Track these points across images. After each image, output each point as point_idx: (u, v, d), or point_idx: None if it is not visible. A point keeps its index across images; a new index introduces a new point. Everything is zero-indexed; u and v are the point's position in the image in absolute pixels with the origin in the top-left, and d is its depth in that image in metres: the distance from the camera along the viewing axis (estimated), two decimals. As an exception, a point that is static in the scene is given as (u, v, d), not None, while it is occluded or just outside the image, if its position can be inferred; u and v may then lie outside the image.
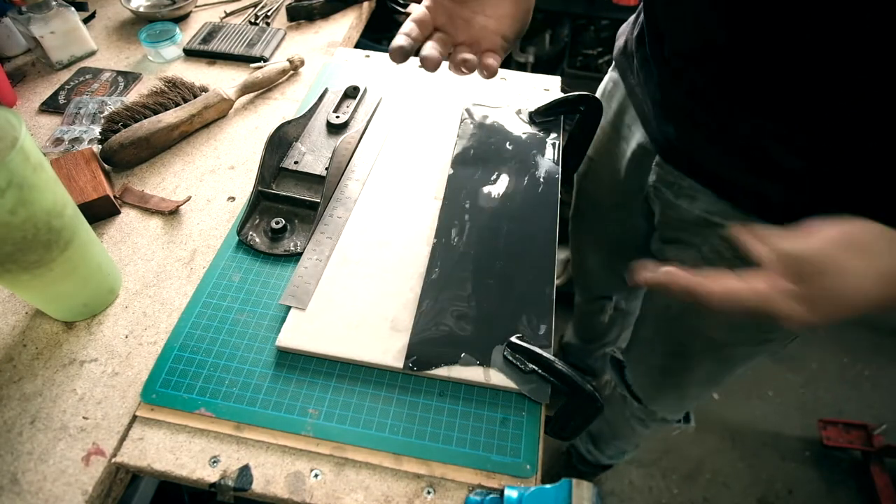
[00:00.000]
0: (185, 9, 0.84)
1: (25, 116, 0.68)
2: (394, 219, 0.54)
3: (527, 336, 0.45)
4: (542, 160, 0.59)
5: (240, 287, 0.50)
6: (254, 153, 0.63)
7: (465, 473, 0.40)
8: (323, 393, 0.43)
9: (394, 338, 0.45)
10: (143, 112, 0.62)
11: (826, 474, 1.23)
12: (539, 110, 0.64)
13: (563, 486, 0.34)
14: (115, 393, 0.44)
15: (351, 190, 0.57)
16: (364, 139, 0.62)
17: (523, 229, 0.53)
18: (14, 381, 0.44)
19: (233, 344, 0.46)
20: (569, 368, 0.41)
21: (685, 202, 0.56)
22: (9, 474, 0.39)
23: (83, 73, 0.74)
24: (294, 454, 0.41)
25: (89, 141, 0.64)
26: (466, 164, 0.59)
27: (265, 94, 0.72)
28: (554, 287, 0.48)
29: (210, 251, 0.53)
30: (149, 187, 0.59)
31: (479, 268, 0.49)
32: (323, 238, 0.52)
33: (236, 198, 0.58)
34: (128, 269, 0.52)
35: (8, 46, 0.76)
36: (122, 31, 0.82)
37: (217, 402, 0.43)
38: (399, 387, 0.44)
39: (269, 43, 0.78)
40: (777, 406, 1.33)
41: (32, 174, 0.37)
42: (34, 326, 0.48)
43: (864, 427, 1.23)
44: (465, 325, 0.46)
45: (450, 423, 0.42)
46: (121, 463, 0.40)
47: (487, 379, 0.43)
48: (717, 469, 1.24)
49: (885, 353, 1.42)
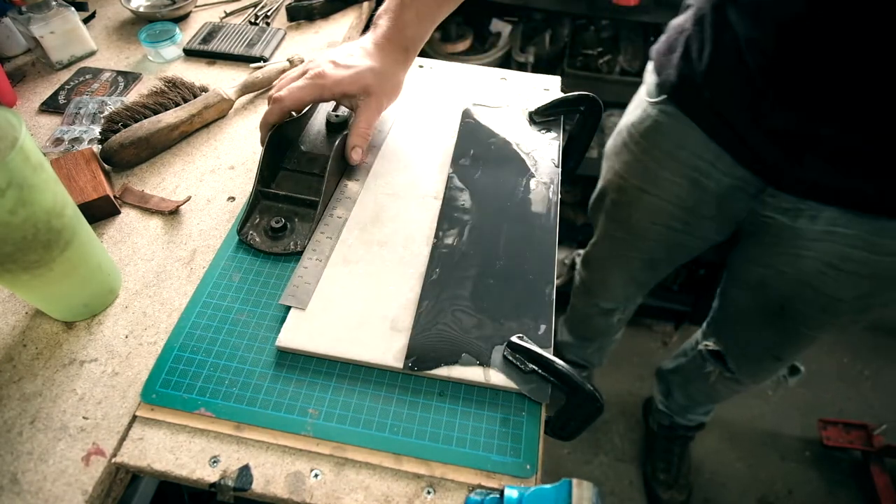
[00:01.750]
0: (185, 9, 0.84)
1: (25, 116, 0.68)
2: (394, 219, 0.54)
3: (527, 336, 0.45)
4: (542, 160, 0.59)
5: (240, 287, 0.50)
6: (254, 153, 0.63)
7: (465, 473, 0.40)
8: (323, 393, 0.43)
9: (394, 338, 0.45)
10: (143, 112, 0.62)
11: (826, 474, 1.23)
12: (539, 110, 0.64)
13: (563, 486, 0.34)
14: (115, 393, 0.44)
15: (351, 190, 0.57)
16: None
17: (523, 229, 0.53)
18: (14, 381, 0.44)
19: (233, 344, 0.46)
20: (569, 368, 0.41)
21: (805, 223, 0.57)
22: (9, 474, 0.39)
23: (83, 73, 0.74)
24: (294, 454, 0.41)
25: (89, 141, 0.64)
26: (466, 164, 0.59)
27: (265, 94, 0.72)
28: (554, 287, 0.48)
29: (210, 251, 0.53)
30: (149, 187, 0.59)
31: (479, 268, 0.49)
32: (323, 238, 0.52)
33: (236, 198, 0.58)
34: (128, 269, 0.52)
35: (8, 46, 0.76)
36: (122, 31, 0.82)
37: (217, 402, 0.43)
38: (399, 387, 0.44)
39: (269, 43, 0.78)
40: (777, 406, 1.33)
41: (32, 174, 0.37)
42: (34, 326, 0.48)
43: (864, 427, 1.23)
44: (465, 325, 0.46)
45: (450, 423, 0.42)
46: (121, 463, 0.40)
47: (487, 379, 0.43)
48: (717, 469, 1.24)
49: (885, 353, 1.42)
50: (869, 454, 1.21)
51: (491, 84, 0.73)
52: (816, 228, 0.57)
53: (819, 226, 0.57)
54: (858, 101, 0.45)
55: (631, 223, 0.77)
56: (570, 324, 1.13)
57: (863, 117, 0.46)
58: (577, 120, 0.62)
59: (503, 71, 0.75)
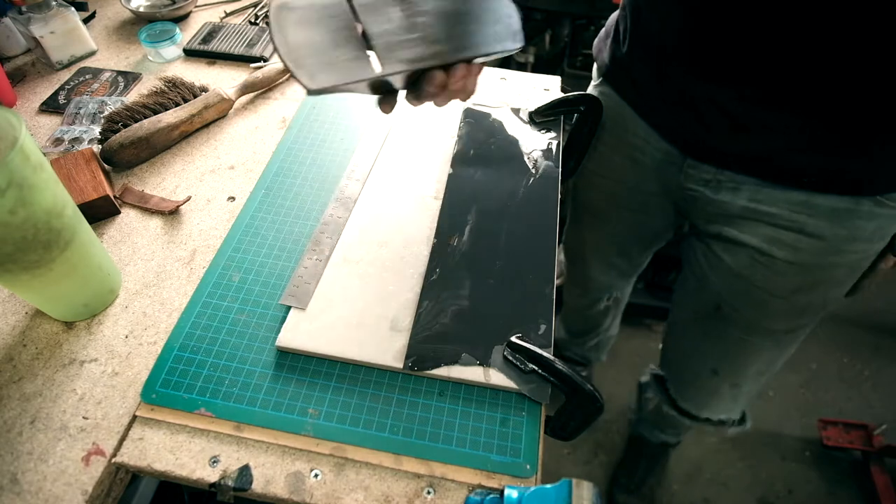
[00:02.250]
0: (185, 9, 0.84)
1: (25, 116, 0.68)
2: (394, 219, 0.54)
3: (526, 336, 0.45)
4: (542, 160, 0.59)
5: (240, 287, 0.50)
6: (254, 153, 0.63)
7: (465, 473, 0.40)
8: (323, 393, 0.43)
9: (394, 338, 0.45)
10: (143, 112, 0.62)
11: (826, 474, 1.23)
12: (539, 110, 0.64)
13: (563, 486, 0.34)
14: (115, 393, 0.44)
15: (351, 190, 0.57)
16: (364, 139, 0.63)
17: (523, 229, 0.53)
18: (14, 381, 0.44)
19: (233, 344, 0.46)
20: (569, 368, 0.41)
21: (727, 195, 0.56)
22: (9, 474, 0.39)
23: (83, 73, 0.74)
24: (294, 454, 0.41)
25: (89, 141, 0.64)
26: (466, 164, 0.59)
27: (265, 94, 0.72)
28: (554, 287, 0.48)
29: (210, 251, 0.53)
30: (149, 187, 0.59)
31: (478, 268, 0.49)
32: (323, 238, 0.52)
33: (236, 198, 0.58)
34: (128, 269, 0.52)
35: (8, 46, 0.76)
36: (122, 31, 0.82)
37: (217, 402, 0.43)
38: (399, 387, 0.44)
39: (268, 43, 0.78)
40: (777, 406, 1.33)
41: (32, 174, 0.37)
42: (34, 326, 0.48)
43: (864, 427, 1.23)
44: (464, 324, 0.46)
45: (450, 423, 0.42)
46: (121, 463, 0.40)
47: (487, 379, 0.43)
48: (717, 469, 1.23)
49: (885, 353, 1.42)
50: (869, 454, 1.21)
51: (491, 84, 0.73)
52: (739, 203, 0.55)
53: (741, 199, 0.55)
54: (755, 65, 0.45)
55: (594, 207, 0.78)
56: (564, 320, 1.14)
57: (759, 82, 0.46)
58: (576, 120, 0.62)
59: (503, 71, 0.75)
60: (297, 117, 0.67)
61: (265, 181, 0.59)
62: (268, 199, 0.57)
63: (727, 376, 0.73)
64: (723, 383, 0.74)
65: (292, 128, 0.66)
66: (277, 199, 0.57)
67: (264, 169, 0.61)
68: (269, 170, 0.60)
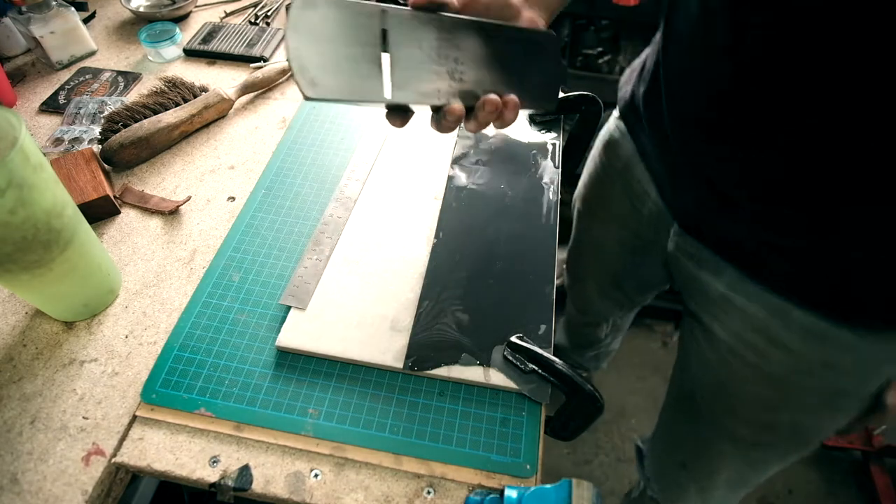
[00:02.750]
0: (185, 9, 0.84)
1: (25, 116, 0.68)
2: (394, 219, 0.54)
3: (526, 336, 0.45)
4: (542, 160, 0.59)
5: (240, 287, 0.50)
6: (254, 153, 0.63)
7: (465, 473, 0.40)
8: (323, 393, 0.43)
9: (394, 338, 0.45)
10: (143, 112, 0.62)
11: (826, 474, 1.23)
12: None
13: (563, 486, 0.34)
14: (115, 393, 0.44)
15: (351, 190, 0.57)
16: (364, 139, 0.62)
17: (523, 229, 0.53)
18: (14, 381, 0.44)
19: (233, 344, 0.46)
20: (569, 368, 0.41)
21: (708, 276, 0.52)
22: (9, 474, 0.39)
23: (83, 73, 0.74)
24: (294, 454, 0.41)
25: (89, 141, 0.64)
26: (466, 165, 0.59)
27: (265, 94, 0.72)
28: (554, 287, 0.48)
29: (210, 251, 0.53)
30: (149, 187, 0.59)
31: (478, 268, 0.49)
32: (323, 238, 0.52)
33: (236, 198, 0.58)
34: (128, 269, 0.52)
35: (8, 46, 0.76)
36: (122, 31, 0.82)
37: (217, 402, 0.43)
38: (399, 387, 0.44)
39: (269, 43, 0.78)
40: (777, 406, 1.33)
41: (32, 174, 0.37)
42: (34, 326, 0.48)
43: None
44: (464, 325, 0.46)
45: (450, 423, 0.42)
46: (121, 463, 0.40)
47: (487, 379, 0.43)
48: (717, 469, 1.23)
49: (885, 353, 1.42)
50: (869, 454, 1.21)
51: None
52: (719, 288, 0.51)
53: (721, 285, 0.50)
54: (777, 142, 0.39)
55: (592, 234, 0.76)
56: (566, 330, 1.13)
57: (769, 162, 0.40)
58: (577, 120, 0.62)
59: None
60: (297, 117, 0.67)
61: (265, 181, 0.59)
62: (268, 199, 0.57)
63: (695, 476, 0.66)
64: (690, 483, 0.68)
65: (292, 128, 0.66)
66: (277, 199, 0.57)
67: (264, 169, 0.61)
68: (269, 170, 0.60)
